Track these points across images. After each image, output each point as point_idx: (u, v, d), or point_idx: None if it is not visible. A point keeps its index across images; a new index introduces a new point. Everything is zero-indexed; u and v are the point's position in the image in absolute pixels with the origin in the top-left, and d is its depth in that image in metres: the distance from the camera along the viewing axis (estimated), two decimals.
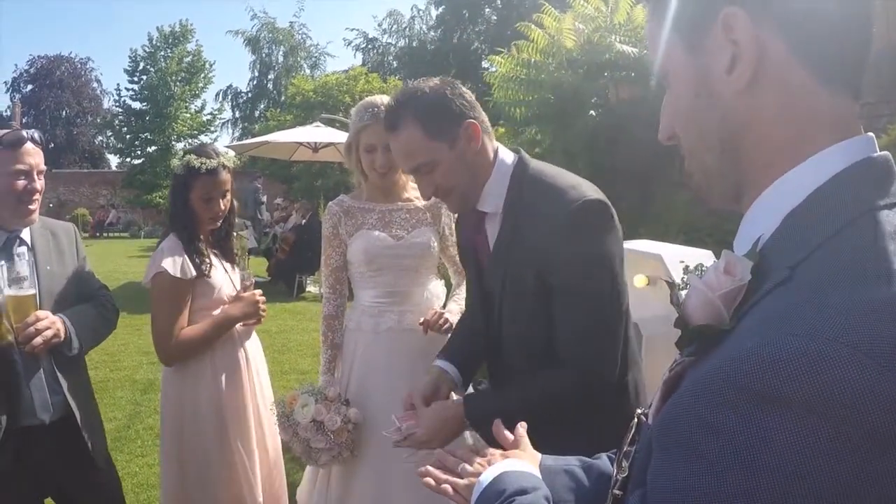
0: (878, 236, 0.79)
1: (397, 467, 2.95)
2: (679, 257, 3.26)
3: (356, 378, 3.09)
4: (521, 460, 1.43)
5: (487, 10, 37.59)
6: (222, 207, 3.24)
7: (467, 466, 1.45)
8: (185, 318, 3.14)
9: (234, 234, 3.49)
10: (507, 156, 2.19)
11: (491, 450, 1.52)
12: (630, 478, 1.04)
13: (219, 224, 3.31)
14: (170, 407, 3.28)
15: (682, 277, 0.78)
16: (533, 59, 8.12)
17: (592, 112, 8.31)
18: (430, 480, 1.48)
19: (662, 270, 3.21)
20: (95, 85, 51.06)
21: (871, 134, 0.90)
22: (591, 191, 2.04)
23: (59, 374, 2.82)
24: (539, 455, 1.49)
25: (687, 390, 0.79)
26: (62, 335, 2.74)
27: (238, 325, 3.34)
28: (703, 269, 0.80)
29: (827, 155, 0.88)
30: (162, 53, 39.29)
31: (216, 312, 3.25)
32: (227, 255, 3.42)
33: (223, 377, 3.25)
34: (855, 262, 0.77)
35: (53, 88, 48.16)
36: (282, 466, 3.62)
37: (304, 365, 8.27)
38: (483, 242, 2.24)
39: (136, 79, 39.18)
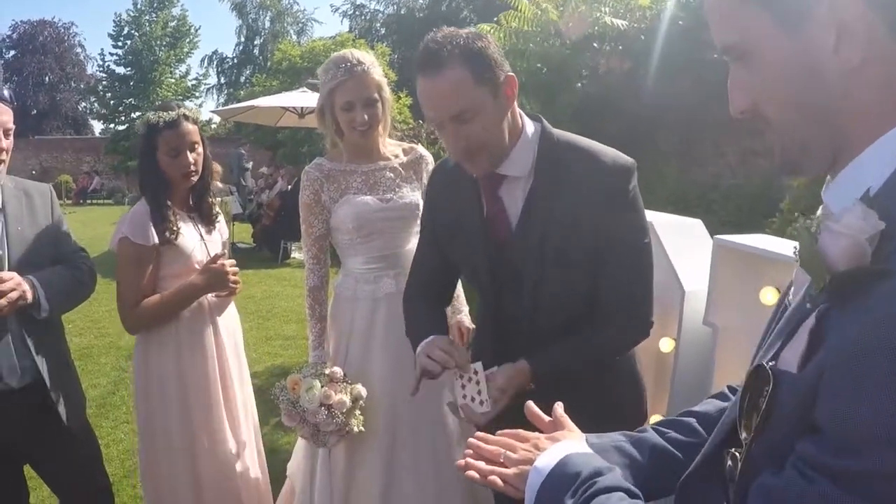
0: None
1: (402, 441, 2.92)
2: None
3: (357, 349, 2.99)
4: (575, 441, 1.37)
5: None
6: (191, 161, 3.02)
7: (510, 454, 1.36)
8: (147, 285, 3.01)
9: (220, 199, 3.33)
10: (529, 121, 2.13)
11: (533, 433, 1.43)
12: (762, 434, 1.00)
13: (193, 181, 3.10)
14: (138, 374, 3.17)
15: (795, 225, 0.78)
16: (521, 29, 8.08)
17: (579, 83, 8.30)
18: (474, 473, 1.38)
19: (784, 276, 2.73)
20: (79, 50, 50.14)
21: None
22: (622, 154, 2.10)
23: (28, 337, 2.75)
24: (582, 433, 1.43)
25: (873, 328, 0.82)
26: (29, 297, 2.67)
27: (210, 297, 3.17)
28: (818, 218, 0.84)
29: None
30: (147, 18, 38.84)
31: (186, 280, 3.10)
32: (205, 219, 3.23)
33: (187, 348, 3.10)
34: None
35: (36, 54, 47.22)
36: (259, 441, 3.47)
37: (288, 331, 8.26)
38: (501, 212, 2.14)
39: (120, 44, 38.76)
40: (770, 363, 1.00)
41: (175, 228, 3.01)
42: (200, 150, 3.08)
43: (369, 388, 2.87)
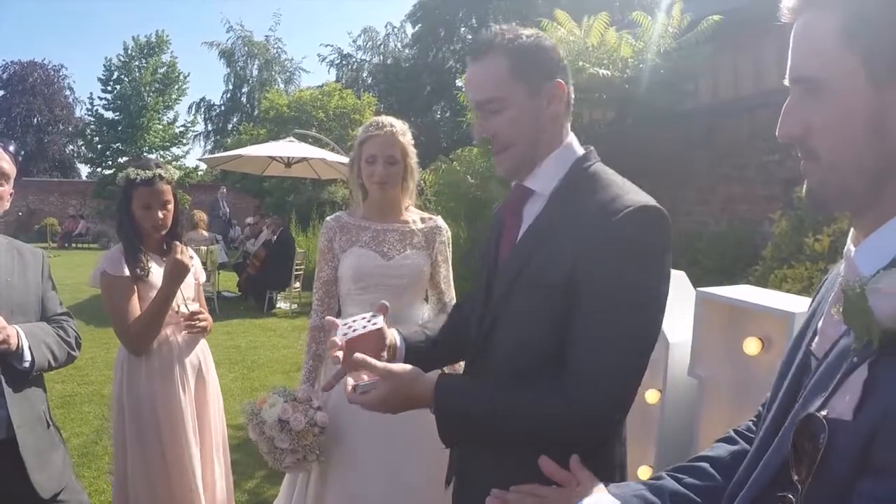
0: None
1: (375, 476, 2.97)
2: None
3: (338, 390, 3.02)
4: (601, 494, 1.36)
5: (463, 29, 37.70)
6: (161, 216, 3.36)
7: None
8: (134, 309, 3.28)
9: (205, 248, 3.56)
10: (576, 144, 1.95)
11: (548, 489, 1.43)
12: (819, 477, 1.02)
13: (163, 234, 3.43)
14: (114, 400, 3.43)
15: (842, 287, 0.89)
16: None
17: None
18: None
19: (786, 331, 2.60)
20: (68, 93, 50.45)
21: None
22: (650, 200, 1.75)
23: (6, 388, 2.67)
24: (601, 484, 1.41)
25: None
26: (13, 345, 2.63)
27: (181, 336, 3.43)
28: (862, 280, 0.94)
29: None
30: (136, 63, 39.01)
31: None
32: None
33: (158, 378, 3.33)
34: None
35: (25, 95, 47.46)
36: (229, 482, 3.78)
37: (274, 381, 8.18)
38: (513, 229, 1.94)
39: (109, 88, 38.86)
40: (822, 413, 1.04)
41: (146, 267, 3.33)
42: (171, 207, 3.43)
43: (348, 424, 2.98)
